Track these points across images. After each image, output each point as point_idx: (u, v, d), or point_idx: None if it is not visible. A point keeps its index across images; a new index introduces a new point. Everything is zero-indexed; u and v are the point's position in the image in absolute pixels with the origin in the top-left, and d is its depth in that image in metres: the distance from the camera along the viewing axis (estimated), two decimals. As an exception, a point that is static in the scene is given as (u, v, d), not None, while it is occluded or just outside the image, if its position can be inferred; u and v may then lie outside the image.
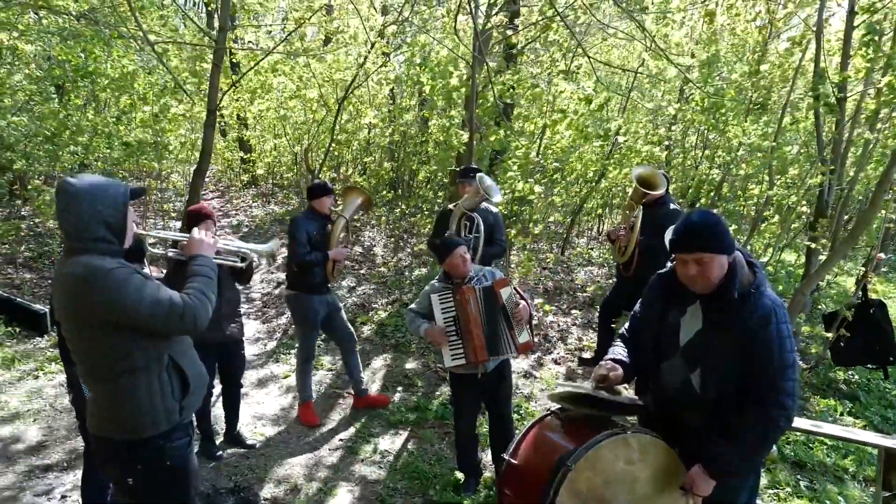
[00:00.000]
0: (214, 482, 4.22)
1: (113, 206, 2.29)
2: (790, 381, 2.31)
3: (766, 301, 2.34)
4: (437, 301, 3.75)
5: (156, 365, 2.34)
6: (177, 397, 2.40)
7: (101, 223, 2.26)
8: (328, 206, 4.88)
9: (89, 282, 2.18)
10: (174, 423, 2.40)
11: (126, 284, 2.20)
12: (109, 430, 2.34)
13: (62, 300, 2.27)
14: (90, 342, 2.27)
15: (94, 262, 2.22)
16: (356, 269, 8.82)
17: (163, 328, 2.30)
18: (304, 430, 5.02)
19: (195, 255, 2.56)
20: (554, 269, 9.00)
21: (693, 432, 2.49)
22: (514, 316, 3.68)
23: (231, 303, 4.43)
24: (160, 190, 12.90)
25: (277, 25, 13.15)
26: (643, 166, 5.89)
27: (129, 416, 2.30)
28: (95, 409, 2.37)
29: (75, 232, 2.24)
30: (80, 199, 2.24)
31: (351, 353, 5.17)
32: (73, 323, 2.27)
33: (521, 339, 3.73)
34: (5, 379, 5.54)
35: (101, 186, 2.29)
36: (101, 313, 2.19)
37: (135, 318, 2.21)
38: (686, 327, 2.51)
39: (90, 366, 2.32)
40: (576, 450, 2.36)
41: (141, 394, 2.30)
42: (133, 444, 2.33)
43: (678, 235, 2.38)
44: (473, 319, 3.67)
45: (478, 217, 4.93)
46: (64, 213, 2.25)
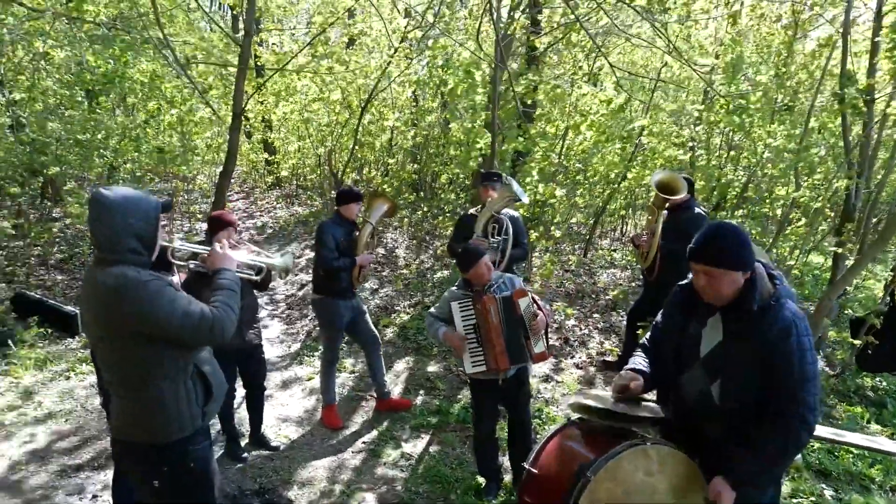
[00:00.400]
0: (240, 483, 4.30)
1: (145, 220, 2.38)
2: (812, 394, 2.31)
3: (787, 313, 2.34)
4: (458, 308, 3.79)
5: (182, 373, 2.42)
6: (200, 403, 2.49)
7: (133, 235, 2.34)
8: (356, 213, 4.95)
9: (123, 293, 2.24)
10: (197, 427, 2.49)
11: (159, 296, 2.27)
12: (136, 434, 2.42)
13: (94, 309, 2.33)
14: (121, 351, 2.33)
15: (128, 272, 2.28)
16: (379, 272, 8.89)
17: (192, 339, 2.38)
18: (327, 432, 5.09)
19: (220, 268, 2.64)
20: (576, 271, 8.99)
21: (713, 443, 2.50)
22: (532, 327, 3.71)
23: (249, 309, 4.51)
24: (187, 192, 13.13)
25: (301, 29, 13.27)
26: (663, 171, 5.85)
27: (156, 422, 2.38)
28: (122, 415, 2.44)
29: (108, 243, 2.31)
30: (114, 210, 2.31)
31: (375, 356, 5.23)
32: (105, 332, 2.33)
33: (536, 349, 3.76)
34: (38, 379, 5.70)
35: (134, 199, 2.36)
36: (133, 324, 2.26)
37: (166, 330, 2.29)
38: (707, 338, 2.52)
39: (120, 374, 2.39)
40: (596, 460, 2.38)
41: (168, 400, 2.38)
42: (159, 448, 2.41)
43: (693, 244, 2.41)
44: (494, 328, 3.70)
45: (506, 219, 4.97)
46: (97, 224, 2.32)
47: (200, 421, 2.50)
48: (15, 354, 6.02)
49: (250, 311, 4.52)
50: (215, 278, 2.60)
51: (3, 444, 4.66)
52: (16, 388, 5.50)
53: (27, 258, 8.52)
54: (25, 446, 4.63)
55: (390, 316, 7.44)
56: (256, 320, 4.65)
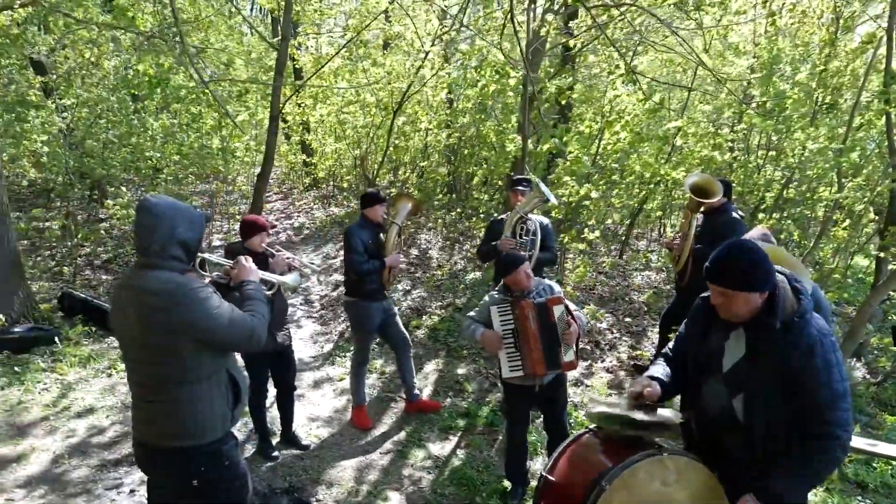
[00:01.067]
0: (271, 482, 4.40)
1: (192, 229, 2.47)
2: (843, 410, 2.26)
3: (811, 330, 2.30)
4: (497, 313, 3.83)
5: (216, 375, 2.50)
6: (230, 405, 2.57)
7: (180, 243, 2.42)
8: (381, 214, 5.00)
9: (174, 298, 2.32)
10: (227, 429, 2.58)
11: (209, 303, 2.37)
12: (171, 437, 2.46)
13: (137, 313, 2.36)
14: (163, 355, 2.38)
15: (177, 278, 2.37)
16: (412, 273, 8.96)
17: (234, 345, 2.51)
18: (356, 432, 5.16)
19: (245, 280, 2.76)
20: (611, 273, 8.90)
21: (733, 458, 2.47)
22: (563, 336, 3.73)
23: (280, 312, 4.61)
24: (227, 193, 13.44)
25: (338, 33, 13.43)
26: (698, 174, 5.75)
27: (193, 424, 2.45)
28: (155, 419, 2.47)
29: (154, 248, 2.38)
30: (163, 218, 2.39)
31: (405, 357, 5.28)
32: (147, 335, 2.36)
33: (566, 357, 3.77)
34: (81, 376, 5.92)
35: (182, 209, 2.46)
36: (182, 328, 2.33)
37: (214, 335, 2.39)
38: (729, 352, 2.49)
39: (158, 377, 2.42)
40: (611, 469, 2.38)
41: (205, 402, 2.46)
42: (195, 449, 2.47)
43: (708, 264, 2.39)
44: (532, 334, 3.75)
45: (534, 220, 4.97)
46: (144, 230, 2.39)
47: (230, 423, 2.59)
48: (61, 352, 6.27)
49: (281, 313, 4.62)
50: (243, 288, 2.72)
51: (47, 438, 4.86)
52: (60, 384, 5.73)
53: (74, 258, 8.85)
54: (67, 440, 4.82)
55: (421, 317, 7.49)
56: (286, 323, 4.75)
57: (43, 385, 5.69)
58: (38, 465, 4.51)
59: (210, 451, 2.50)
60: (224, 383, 2.54)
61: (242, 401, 2.67)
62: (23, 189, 12.37)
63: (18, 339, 6.18)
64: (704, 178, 5.48)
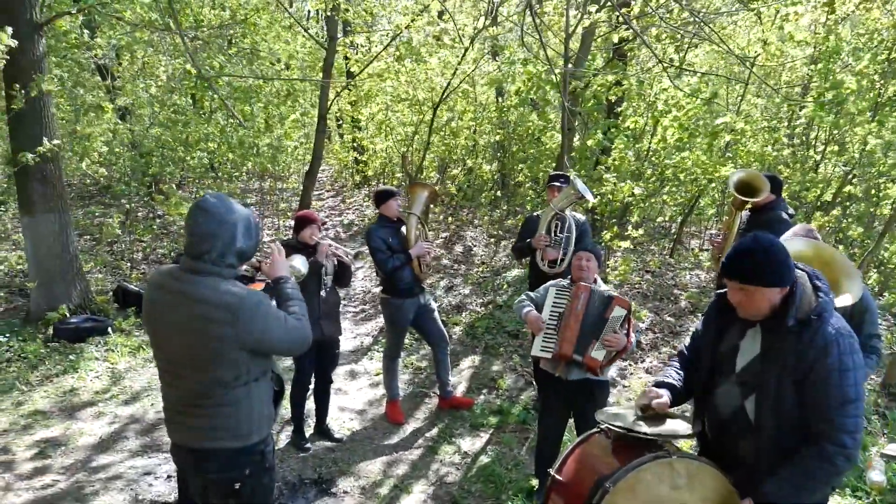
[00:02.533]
0: (301, 472, 4.49)
1: (250, 237, 2.40)
2: (851, 417, 2.13)
3: (829, 329, 2.18)
4: (554, 293, 3.82)
5: (264, 375, 2.48)
6: (272, 405, 2.57)
7: (238, 251, 2.36)
8: (395, 209, 5.01)
9: (239, 311, 2.26)
10: (270, 428, 2.57)
11: (267, 315, 2.33)
12: (221, 439, 2.40)
13: (190, 321, 2.29)
14: (217, 361, 2.31)
15: (235, 290, 2.30)
16: (455, 269, 8.97)
17: (287, 351, 2.53)
18: (389, 427, 5.21)
19: (280, 276, 2.66)
20: (658, 272, 8.68)
21: (745, 463, 2.36)
22: (606, 337, 3.61)
23: (331, 304, 4.70)
24: (280, 190, 13.78)
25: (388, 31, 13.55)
26: (743, 170, 5.53)
27: (243, 424, 2.41)
28: (203, 423, 2.39)
29: (215, 254, 2.31)
30: (225, 223, 2.32)
31: (442, 354, 5.29)
32: (201, 342, 2.29)
33: (593, 353, 3.63)
34: (130, 365, 6.18)
35: (243, 215, 2.38)
36: (241, 340, 2.28)
37: (270, 346, 2.38)
38: (744, 351, 2.39)
39: (208, 381, 2.35)
40: (616, 471, 2.32)
41: (254, 403, 2.43)
42: (243, 451, 2.44)
43: (726, 259, 2.29)
44: (575, 315, 3.68)
45: (569, 217, 4.91)
46: (203, 235, 2.30)
47: (272, 422, 2.58)
48: (113, 342, 6.55)
49: (332, 306, 4.70)
50: (280, 286, 2.62)
51: (94, 423, 5.10)
52: (111, 373, 5.99)
53: (132, 253, 9.23)
54: (112, 426, 5.04)
55: (461, 314, 7.49)
56: (337, 315, 4.82)
57: (95, 373, 5.96)
58: (83, 449, 4.73)
59: (255, 452, 2.48)
60: (269, 382, 2.53)
61: (283, 398, 2.69)
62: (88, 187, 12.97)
63: (74, 329, 6.50)
64: (750, 174, 5.26)
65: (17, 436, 4.87)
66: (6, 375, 5.75)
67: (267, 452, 2.54)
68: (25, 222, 6.71)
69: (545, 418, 4.04)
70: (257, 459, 2.49)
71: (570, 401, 3.88)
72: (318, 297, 4.54)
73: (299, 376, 4.74)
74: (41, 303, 6.71)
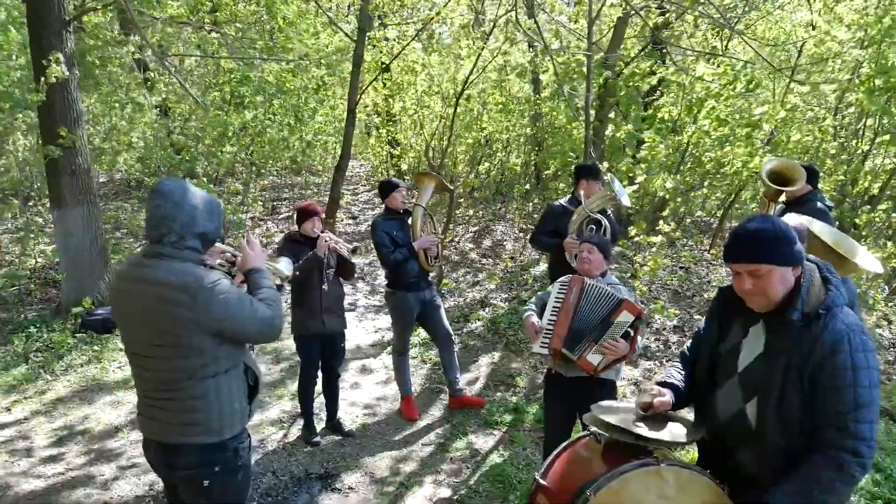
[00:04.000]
0: (308, 467, 4.44)
1: (211, 219, 2.37)
2: (865, 422, 1.92)
3: (839, 325, 1.97)
4: (556, 289, 3.56)
5: (235, 369, 2.41)
6: (246, 399, 2.48)
7: (199, 234, 2.32)
8: (400, 201, 4.91)
9: (197, 292, 2.21)
10: (244, 424, 2.48)
11: (227, 296, 2.26)
12: (190, 434, 2.35)
13: (152, 305, 2.24)
14: (182, 349, 2.26)
15: (194, 271, 2.25)
16: (482, 263, 8.85)
17: (253, 337, 2.42)
18: (402, 422, 5.12)
19: (253, 267, 2.56)
20: (693, 268, 8.37)
21: (745, 472, 2.18)
22: (605, 343, 3.33)
23: (334, 298, 4.65)
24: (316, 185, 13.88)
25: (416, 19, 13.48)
26: (777, 159, 5.23)
27: (213, 418, 2.34)
28: (172, 417, 2.35)
29: (174, 237, 2.27)
30: (183, 206, 2.28)
31: (447, 352, 5.18)
32: (164, 328, 2.25)
33: (588, 356, 3.37)
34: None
35: (202, 198, 2.34)
36: (202, 322, 2.23)
37: (233, 328, 2.29)
38: (746, 350, 2.20)
39: (176, 372, 2.30)
40: (599, 477, 2.17)
41: (223, 396, 2.35)
42: (213, 447, 2.37)
43: (729, 243, 2.10)
44: (567, 308, 3.44)
45: (607, 220, 4.67)
46: (161, 218, 2.26)
47: (247, 418, 2.49)
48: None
49: (335, 299, 4.65)
50: (251, 276, 2.54)
51: (112, 412, 5.18)
52: (133, 364, 6.08)
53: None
54: (129, 416, 5.09)
55: (484, 309, 7.35)
56: (341, 308, 4.76)
57: (118, 364, 6.06)
58: (100, 437, 4.79)
59: (228, 449, 2.41)
60: (241, 376, 2.45)
61: (258, 393, 2.57)
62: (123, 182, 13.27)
63: (101, 321, 6.62)
64: (784, 162, 4.98)
65: (38, 423, 4.97)
66: (33, 364, 5.89)
67: (240, 449, 2.46)
68: (56, 215, 6.87)
69: (548, 417, 3.89)
70: (229, 456, 2.41)
71: (570, 398, 3.69)
72: (319, 291, 4.49)
73: (304, 370, 4.71)
74: (70, 294, 6.86)
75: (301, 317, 4.59)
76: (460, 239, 10.16)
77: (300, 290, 4.57)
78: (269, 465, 4.46)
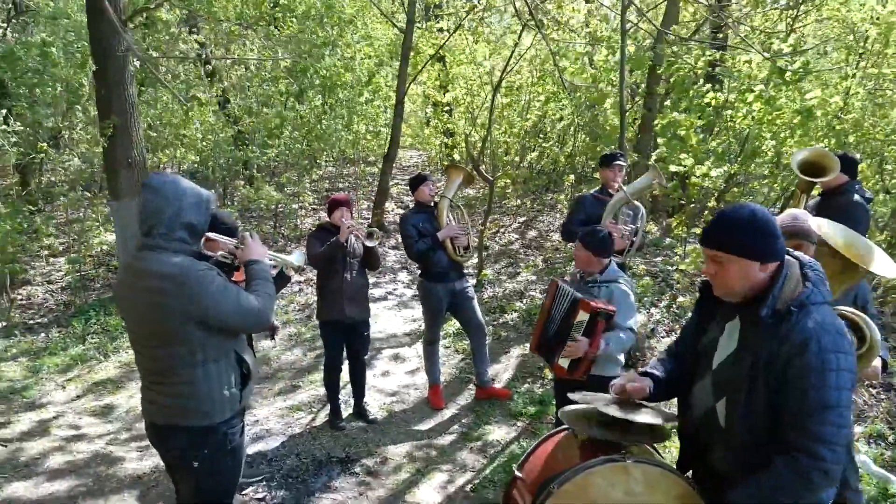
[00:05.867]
0: (330, 451, 4.58)
1: (198, 211, 2.44)
2: (830, 425, 1.83)
3: (809, 323, 1.89)
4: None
5: (224, 357, 2.51)
6: (238, 386, 2.58)
7: (186, 225, 2.40)
8: (427, 194, 4.98)
9: (182, 280, 2.30)
10: (235, 410, 2.59)
11: (214, 286, 2.36)
12: (180, 417, 2.47)
13: (141, 295, 2.36)
14: (172, 336, 2.37)
15: (184, 262, 2.35)
16: (525, 254, 8.80)
17: (241, 327, 2.51)
18: (428, 410, 5.20)
19: (252, 259, 2.65)
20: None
21: (715, 473, 2.13)
22: (569, 345, 3.32)
23: (357, 287, 4.76)
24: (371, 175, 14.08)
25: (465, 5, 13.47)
26: (808, 148, 4.98)
27: (202, 404, 2.45)
28: (164, 401, 2.48)
29: (163, 229, 2.36)
30: (169, 199, 2.37)
31: (477, 343, 5.22)
32: (155, 317, 2.36)
33: (559, 360, 3.40)
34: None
35: (189, 190, 2.43)
36: (190, 311, 2.32)
37: (220, 318, 2.38)
38: (721, 347, 2.15)
39: (166, 357, 2.42)
40: (563, 472, 2.17)
41: (213, 383, 2.46)
42: (202, 430, 2.48)
43: (705, 226, 2.06)
44: (542, 312, 3.59)
45: (642, 208, 4.66)
46: (150, 211, 2.37)
47: (238, 404, 2.59)
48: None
49: (358, 288, 4.76)
50: (249, 268, 2.64)
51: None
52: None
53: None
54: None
55: (522, 300, 7.33)
56: (365, 297, 4.87)
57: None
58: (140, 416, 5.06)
59: (216, 433, 2.51)
60: (232, 364, 2.54)
61: (251, 380, 2.67)
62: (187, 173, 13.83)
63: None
64: (816, 151, 4.75)
65: (87, 400, 5.32)
66: (89, 346, 6.29)
67: (230, 434, 2.56)
68: (114, 206, 7.27)
69: (556, 414, 3.89)
70: (218, 440, 2.52)
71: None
72: (342, 280, 4.61)
73: (328, 356, 4.85)
74: (127, 280, 7.25)
75: (324, 304, 4.74)
76: (505, 230, 10.13)
77: (324, 279, 4.72)
78: (294, 448, 4.62)
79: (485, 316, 7.07)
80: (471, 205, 11.64)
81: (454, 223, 5.04)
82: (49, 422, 4.98)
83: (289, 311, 7.53)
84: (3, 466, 4.38)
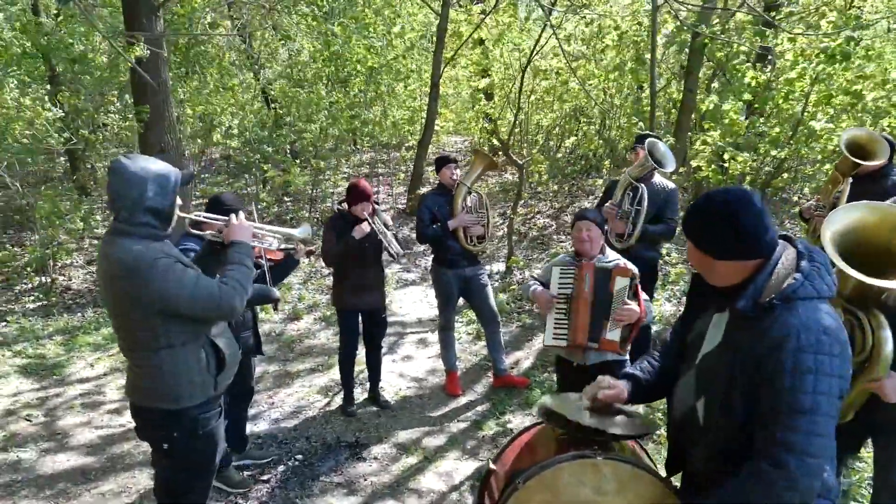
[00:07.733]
0: (340, 435, 4.60)
1: (161, 193, 2.38)
2: (800, 432, 1.66)
3: (791, 319, 1.72)
4: (558, 274, 3.53)
5: (193, 343, 2.50)
6: (212, 372, 2.58)
7: (149, 210, 2.36)
8: (449, 177, 4.87)
9: (133, 270, 2.31)
10: (209, 395, 2.59)
11: (167, 274, 2.33)
12: (149, 399, 2.51)
13: (105, 280, 2.41)
14: (132, 321, 2.41)
15: (139, 249, 2.33)
16: (558, 240, 8.63)
17: (201, 315, 2.47)
18: (444, 397, 5.16)
19: (234, 240, 2.62)
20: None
21: (698, 474, 2.00)
22: (616, 312, 3.31)
23: (373, 276, 4.75)
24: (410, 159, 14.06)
25: None
26: (860, 128, 4.68)
27: (168, 388, 2.47)
28: (137, 380, 2.54)
29: (125, 213, 2.35)
30: (132, 182, 2.33)
31: (491, 331, 5.15)
32: (116, 300, 2.41)
33: (608, 334, 3.34)
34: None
35: (153, 172, 2.37)
36: (143, 299, 2.34)
37: (176, 307, 2.37)
38: (708, 339, 2.00)
39: (131, 340, 2.48)
40: (530, 467, 2.08)
41: (179, 367, 2.46)
42: (172, 413, 2.50)
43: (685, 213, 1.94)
44: (584, 298, 3.38)
45: (643, 188, 4.48)
46: (115, 195, 2.35)
47: (212, 390, 2.59)
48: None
49: (373, 278, 4.74)
50: (229, 251, 2.61)
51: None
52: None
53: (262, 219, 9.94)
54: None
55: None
56: (381, 285, 4.86)
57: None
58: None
59: (186, 417, 2.52)
60: (202, 350, 2.53)
61: (229, 367, 2.66)
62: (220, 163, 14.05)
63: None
64: (868, 134, 4.49)
65: (113, 379, 5.47)
66: (119, 326, 6.48)
67: (202, 419, 2.56)
68: (148, 190, 7.44)
69: None
70: (187, 424, 2.53)
71: None
72: (359, 270, 4.62)
73: (344, 341, 4.86)
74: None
75: (339, 291, 4.74)
76: (540, 215, 9.96)
77: (340, 266, 4.69)
78: (305, 431, 4.66)
79: (511, 302, 7.01)
80: (506, 189, 11.50)
81: (470, 211, 4.94)
82: (74, 399, 5.15)
83: (317, 295, 7.58)
84: (27, 440, 4.55)
